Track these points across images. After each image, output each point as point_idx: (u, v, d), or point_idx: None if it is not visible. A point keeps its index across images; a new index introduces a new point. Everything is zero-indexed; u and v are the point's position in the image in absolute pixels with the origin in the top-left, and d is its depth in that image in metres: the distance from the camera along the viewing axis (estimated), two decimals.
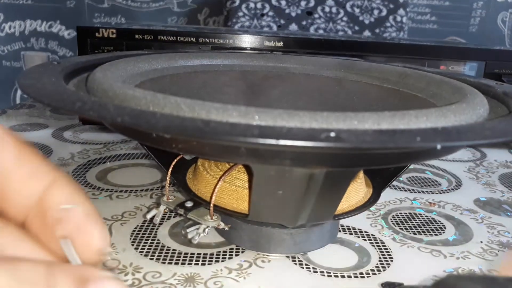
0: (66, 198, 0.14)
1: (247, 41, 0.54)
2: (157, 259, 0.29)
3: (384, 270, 0.29)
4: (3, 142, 0.14)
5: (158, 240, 0.31)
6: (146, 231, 0.32)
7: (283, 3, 1.20)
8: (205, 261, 0.29)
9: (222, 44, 0.54)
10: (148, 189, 0.39)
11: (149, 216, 0.31)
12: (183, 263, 0.28)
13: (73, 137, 0.53)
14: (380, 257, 0.30)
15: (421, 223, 0.36)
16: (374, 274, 0.29)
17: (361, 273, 0.29)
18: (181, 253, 0.30)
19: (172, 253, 0.29)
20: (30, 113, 0.63)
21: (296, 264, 0.29)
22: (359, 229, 0.34)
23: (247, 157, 0.23)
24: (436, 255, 0.31)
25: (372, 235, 0.33)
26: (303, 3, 1.19)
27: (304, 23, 1.17)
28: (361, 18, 1.14)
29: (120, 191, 0.38)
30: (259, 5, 1.20)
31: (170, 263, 0.28)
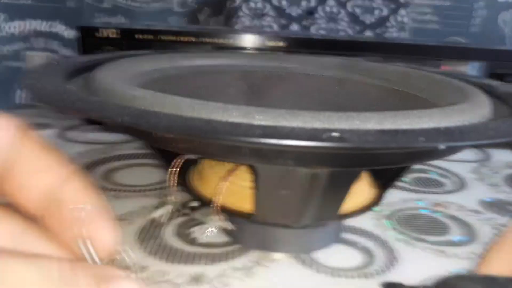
0: (80, 195, 0.14)
1: (248, 41, 0.54)
2: (163, 258, 0.29)
3: (389, 271, 0.29)
4: (22, 137, 0.14)
5: (164, 239, 0.31)
6: (152, 230, 0.32)
7: (284, 3, 1.20)
8: (210, 260, 0.29)
9: (223, 44, 0.54)
10: (154, 189, 0.39)
11: (155, 216, 0.31)
12: (189, 263, 0.29)
13: (77, 137, 0.53)
14: (384, 258, 0.30)
15: (426, 223, 0.36)
16: (379, 274, 0.29)
17: (365, 273, 0.29)
18: (186, 252, 0.30)
19: (178, 252, 0.30)
20: (32, 113, 0.63)
21: (301, 263, 0.29)
22: (363, 229, 0.34)
23: (251, 157, 0.23)
24: (440, 256, 0.31)
25: (376, 235, 0.33)
26: (304, 3, 1.19)
27: (305, 23, 1.17)
28: (362, 18, 1.14)
29: (125, 191, 0.38)
30: (259, 5, 1.20)
31: (176, 262, 0.28)
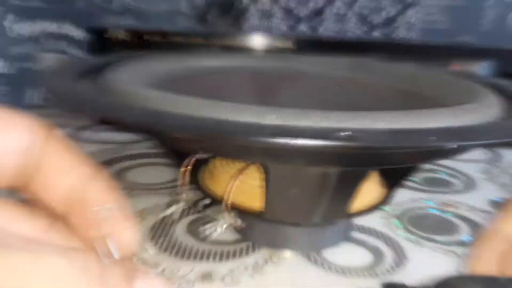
0: (102, 194, 0.15)
1: (257, 41, 0.54)
2: (175, 255, 0.29)
3: (397, 270, 0.29)
4: (47, 137, 0.15)
5: (176, 236, 0.31)
6: (164, 228, 0.33)
7: (292, 4, 1.20)
8: (221, 257, 0.29)
9: (232, 45, 0.54)
10: (165, 187, 0.39)
11: (167, 213, 0.32)
12: (200, 259, 0.29)
13: (90, 137, 0.53)
14: (394, 257, 0.31)
15: (435, 223, 0.36)
16: (387, 273, 0.29)
17: (374, 272, 0.29)
18: (198, 249, 0.30)
19: (190, 249, 0.30)
20: (45, 113, 0.63)
21: (310, 261, 0.29)
22: (372, 228, 0.34)
23: (262, 156, 0.23)
24: (450, 256, 0.31)
25: (386, 234, 0.34)
26: (311, 4, 1.19)
27: (313, 24, 1.17)
28: (369, 19, 1.14)
29: (137, 189, 0.39)
30: (267, 6, 1.21)
31: (187, 259, 0.29)
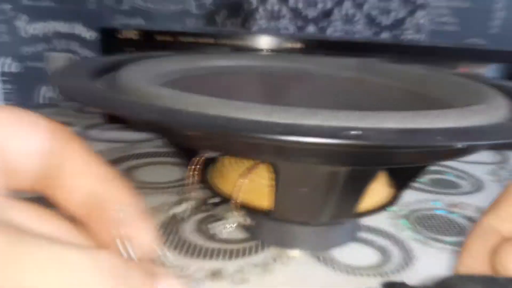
0: (120, 196, 0.15)
1: (266, 42, 0.54)
2: (185, 253, 0.30)
3: (404, 270, 0.29)
4: (64, 140, 0.15)
5: (185, 235, 0.32)
6: (173, 226, 0.33)
7: (301, 5, 1.21)
8: (230, 256, 0.30)
9: (242, 45, 0.54)
10: (174, 186, 0.40)
11: (176, 212, 0.32)
12: (209, 258, 0.29)
13: (98, 135, 0.54)
14: (401, 257, 0.31)
15: (442, 224, 0.36)
16: (394, 273, 0.29)
17: (381, 272, 0.29)
18: (207, 248, 0.30)
19: (199, 248, 0.30)
20: (54, 112, 0.64)
21: (318, 261, 0.30)
22: (380, 228, 0.34)
23: (272, 155, 0.23)
24: (456, 256, 0.31)
25: (392, 234, 0.34)
26: (320, 5, 1.19)
27: (321, 25, 1.17)
28: (378, 20, 1.14)
29: (145, 188, 0.39)
30: (276, 7, 1.21)
31: (196, 257, 0.29)
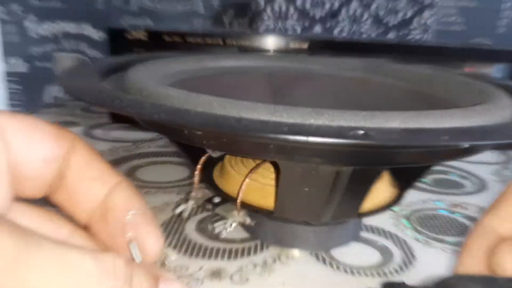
0: (126, 201, 0.15)
1: (273, 43, 0.54)
2: (185, 253, 0.30)
3: (407, 269, 0.29)
4: (74, 147, 0.15)
5: (186, 234, 0.32)
6: (174, 225, 0.33)
7: (308, 5, 1.21)
8: (230, 255, 0.30)
9: (249, 46, 0.54)
10: (176, 185, 0.40)
11: (177, 211, 0.32)
12: (209, 257, 0.29)
13: (103, 135, 0.55)
14: (402, 256, 0.31)
15: (444, 224, 0.36)
16: (397, 272, 0.29)
17: (383, 272, 0.29)
18: (207, 247, 0.31)
19: (199, 247, 0.30)
20: (60, 111, 0.65)
21: (319, 261, 0.30)
22: (382, 228, 0.34)
23: (276, 154, 0.23)
24: (457, 256, 0.31)
25: (395, 234, 0.34)
26: (327, 6, 1.19)
27: (328, 25, 1.17)
28: (385, 20, 1.14)
29: (148, 187, 0.39)
30: (283, 7, 1.21)
31: (197, 257, 0.29)
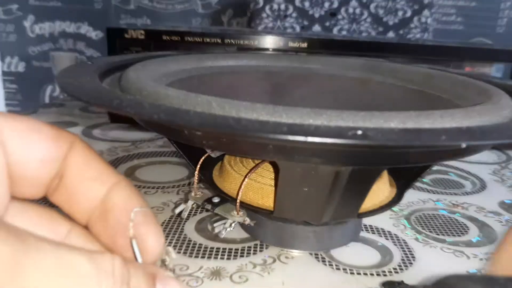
0: (125, 200, 0.15)
1: (272, 42, 0.54)
2: (184, 253, 0.30)
3: (407, 269, 0.29)
4: (73, 147, 0.15)
5: (185, 234, 0.32)
6: (174, 225, 0.33)
7: (307, 4, 1.20)
8: (230, 255, 0.30)
9: (248, 45, 0.54)
10: (175, 185, 0.40)
11: (177, 211, 0.32)
12: (209, 257, 0.29)
13: (101, 135, 0.54)
14: (402, 256, 0.31)
15: (444, 224, 0.36)
16: (397, 272, 0.29)
17: (383, 272, 0.29)
18: (207, 247, 0.30)
19: (199, 247, 0.30)
20: (60, 111, 0.65)
21: (319, 261, 0.30)
22: (382, 228, 0.34)
23: (275, 154, 0.23)
24: (459, 256, 0.31)
25: (394, 234, 0.34)
26: (326, 4, 1.19)
27: (328, 24, 1.17)
28: (385, 19, 1.14)
29: (148, 187, 0.39)
30: (282, 6, 1.21)
31: (196, 257, 0.29)
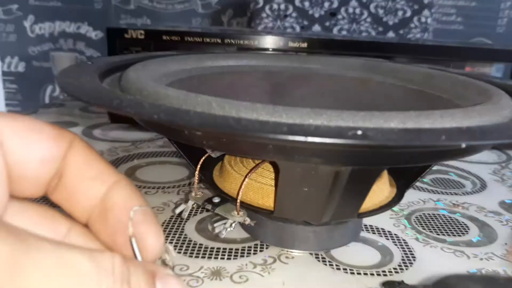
0: (125, 199, 0.15)
1: (272, 42, 0.54)
2: (185, 253, 0.30)
3: (407, 269, 0.29)
4: (73, 147, 0.15)
5: (186, 234, 0.32)
6: (174, 225, 0.33)
7: (307, 4, 1.20)
8: (230, 255, 0.30)
9: (248, 45, 0.54)
10: (175, 185, 0.40)
11: (177, 211, 0.32)
12: (209, 257, 0.29)
13: (102, 135, 0.54)
14: (402, 256, 0.31)
15: (444, 223, 0.36)
16: (397, 272, 0.29)
17: (383, 271, 0.29)
18: (207, 247, 0.30)
19: (199, 247, 0.30)
20: (60, 111, 0.65)
21: (319, 261, 0.30)
22: (382, 228, 0.34)
23: (275, 154, 0.23)
24: (459, 256, 0.31)
25: (395, 234, 0.34)
26: (326, 4, 1.19)
27: (328, 24, 1.17)
28: (385, 19, 1.14)
29: (148, 187, 0.39)
30: (282, 6, 1.21)
31: (197, 257, 0.29)
